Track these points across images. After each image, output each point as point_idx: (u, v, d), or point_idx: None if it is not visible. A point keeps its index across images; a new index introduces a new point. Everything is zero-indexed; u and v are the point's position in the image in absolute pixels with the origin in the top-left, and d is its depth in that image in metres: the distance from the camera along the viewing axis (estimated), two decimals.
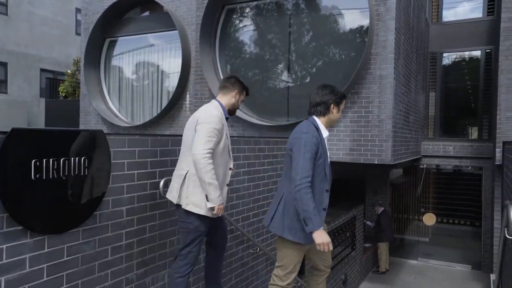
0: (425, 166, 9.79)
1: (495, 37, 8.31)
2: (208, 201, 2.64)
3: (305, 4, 6.88)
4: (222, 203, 2.72)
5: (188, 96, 8.03)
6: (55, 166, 2.21)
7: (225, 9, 7.42)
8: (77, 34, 16.41)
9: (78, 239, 2.40)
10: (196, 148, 2.60)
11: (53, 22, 16.16)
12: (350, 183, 9.90)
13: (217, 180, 2.65)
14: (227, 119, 2.88)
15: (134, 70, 8.97)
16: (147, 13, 8.91)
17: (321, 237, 2.55)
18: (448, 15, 9.79)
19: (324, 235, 2.57)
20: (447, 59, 9.86)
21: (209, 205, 2.65)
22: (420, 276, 8.91)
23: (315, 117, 2.83)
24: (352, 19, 6.59)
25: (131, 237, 2.76)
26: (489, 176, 8.82)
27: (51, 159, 2.19)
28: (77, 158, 2.33)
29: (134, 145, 2.76)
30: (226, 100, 2.90)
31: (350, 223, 7.84)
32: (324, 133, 2.79)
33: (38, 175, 2.13)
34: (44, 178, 2.16)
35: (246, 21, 7.47)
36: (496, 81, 7.13)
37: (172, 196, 2.77)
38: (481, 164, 9.01)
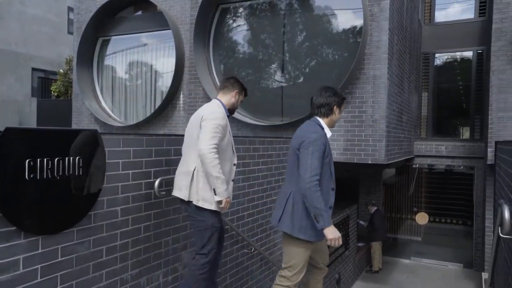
0: (418, 165, 9.86)
1: (486, 38, 8.40)
2: (215, 194, 2.70)
3: (299, 4, 6.89)
4: (229, 197, 2.80)
5: (181, 95, 8.01)
6: (50, 166, 2.19)
7: (219, 8, 7.40)
8: (69, 33, 16.28)
9: (73, 240, 2.38)
10: (203, 143, 2.66)
11: (44, 21, 16.01)
12: (343, 183, 9.92)
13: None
14: (228, 118, 2.94)
15: (128, 69, 8.92)
16: (140, 12, 8.87)
17: (332, 232, 2.66)
18: (441, 16, 9.87)
19: (335, 231, 2.68)
20: (439, 59, 9.95)
21: (216, 198, 2.71)
22: (412, 275, 8.97)
23: (318, 118, 2.92)
24: (345, 19, 6.61)
25: (126, 237, 2.74)
26: (480, 175, 8.90)
27: (45, 159, 2.16)
28: (71, 158, 2.30)
29: (129, 144, 2.74)
30: (226, 99, 2.98)
31: (343, 222, 7.87)
32: (328, 133, 2.89)
33: (32, 175, 2.10)
34: (38, 178, 2.13)
35: (240, 21, 7.47)
36: (488, 82, 7.20)
37: (181, 193, 2.80)
38: (472, 163, 9.10)
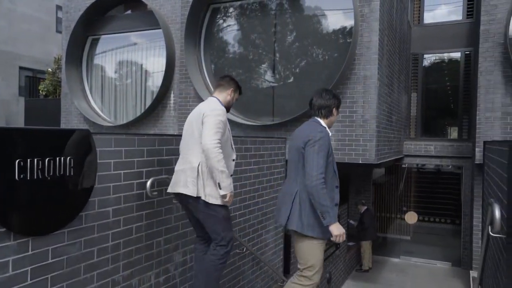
0: (407, 165, 9.96)
1: (474, 39, 8.51)
2: (220, 189, 2.74)
3: (289, 4, 6.91)
4: (232, 191, 2.84)
5: (172, 95, 7.97)
6: (40, 166, 2.16)
7: (210, 8, 7.39)
8: (58, 31, 16.08)
9: (64, 241, 2.35)
10: (207, 138, 2.70)
11: (33, 19, 15.80)
12: None
13: None
14: None
15: (117, 68, 8.85)
16: (130, 11, 8.81)
17: (338, 229, 2.76)
18: (429, 17, 9.98)
19: (340, 227, 2.79)
20: (428, 60, 10.06)
21: (221, 192, 2.74)
22: (402, 274, 9.06)
23: (318, 119, 3.04)
24: (336, 20, 6.65)
25: (118, 238, 2.72)
26: (468, 175, 9.02)
27: (35, 159, 2.13)
28: (62, 158, 2.28)
29: (121, 144, 2.72)
30: (222, 97, 3.04)
31: None
32: (329, 133, 3.00)
33: (22, 175, 2.07)
34: (28, 178, 2.10)
35: (231, 21, 7.46)
36: (475, 82, 7.30)
37: (188, 190, 2.79)
38: (460, 163, 9.22)
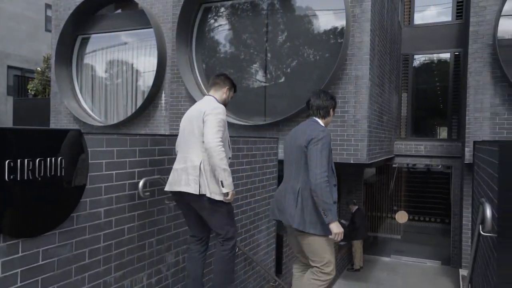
0: (397, 165, 10.04)
1: (463, 40, 8.61)
2: (223, 186, 2.77)
3: (281, 4, 6.92)
4: (234, 189, 2.88)
5: (163, 95, 7.93)
6: (30, 167, 2.13)
7: (202, 7, 7.36)
8: (47, 30, 15.91)
9: (54, 242, 2.33)
10: (209, 137, 2.73)
11: (21, 17, 15.60)
12: None
13: None
14: None
15: (108, 68, 8.78)
16: (120, 10, 8.74)
17: (338, 227, 2.84)
18: (420, 18, 10.07)
19: (340, 226, 2.86)
20: (418, 61, 10.15)
21: (224, 190, 2.78)
22: (393, 273, 9.13)
23: (316, 119, 3.12)
24: (327, 20, 6.67)
25: (109, 239, 2.69)
26: (458, 174, 9.13)
27: (26, 159, 2.10)
28: (53, 158, 2.25)
29: (113, 144, 2.69)
30: (218, 96, 3.06)
31: None
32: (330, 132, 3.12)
33: (12, 176, 2.04)
34: (18, 179, 2.07)
35: (223, 20, 7.44)
36: (465, 83, 7.38)
37: (190, 188, 2.80)
38: (450, 163, 9.32)
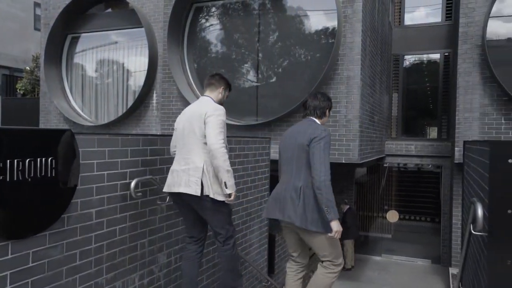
0: (388, 164, 10.11)
1: (453, 41, 8.70)
2: (226, 188, 2.80)
3: (272, 4, 6.92)
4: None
5: (155, 95, 7.89)
6: (20, 167, 2.09)
7: (193, 7, 7.33)
8: (36, 29, 15.72)
9: (45, 244, 2.30)
10: (213, 138, 2.76)
11: (9, 16, 15.38)
12: None
13: None
14: None
15: (98, 67, 8.70)
16: (110, 9, 8.67)
17: (338, 225, 2.89)
18: (410, 19, 10.15)
19: (340, 224, 2.92)
20: (408, 61, 10.23)
21: (227, 191, 2.80)
22: (384, 272, 9.19)
23: (313, 118, 3.18)
24: (319, 21, 6.69)
25: (101, 240, 2.67)
26: (447, 174, 9.22)
27: (15, 160, 2.07)
28: (43, 158, 2.22)
29: (104, 145, 2.67)
30: (214, 96, 3.07)
31: None
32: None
33: (1, 177, 2.00)
34: (8, 180, 2.03)
35: (215, 20, 7.42)
36: (455, 83, 7.45)
37: (190, 189, 2.81)
38: (440, 162, 9.41)
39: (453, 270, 7.39)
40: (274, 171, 4.85)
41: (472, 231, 2.38)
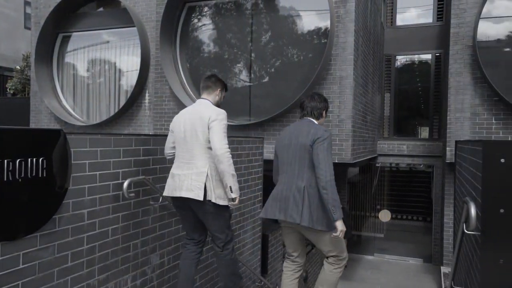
0: (380, 164, 10.16)
1: (444, 41, 8.77)
2: (232, 192, 2.84)
3: (265, 4, 6.91)
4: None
5: (147, 94, 7.84)
6: (10, 168, 2.06)
7: (186, 6, 7.30)
8: (26, 28, 15.55)
9: (35, 245, 2.26)
10: (219, 144, 2.79)
11: (0, 15, 15.21)
12: None
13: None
14: None
15: (90, 67, 8.63)
16: (102, 8, 8.60)
17: (343, 225, 2.92)
18: (402, 19, 10.21)
19: (343, 224, 2.94)
20: (400, 61, 10.29)
21: (233, 195, 2.85)
22: (376, 271, 9.23)
23: (312, 119, 3.22)
24: (312, 21, 6.70)
25: (93, 241, 2.64)
26: (439, 173, 9.28)
27: (5, 160, 2.04)
28: (34, 159, 2.19)
29: (96, 145, 2.64)
30: (212, 98, 3.09)
31: None
32: None
33: None
34: None
35: (207, 20, 7.40)
36: (446, 84, 7.51)
37: (192, 194, 2.83)
38: (431, 162, 9.47)
39: (445, 269, 7.45)
40: (267, 171, 4.85)
41: (465, 230, 2.39)
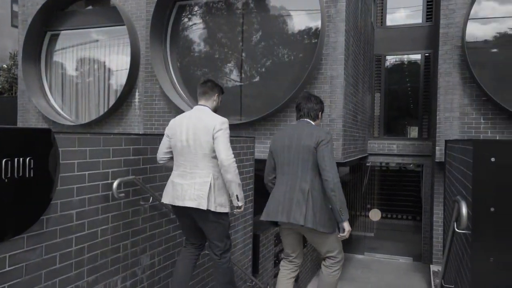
0: (371, 164, 10.22)
1: (433, 42, 8.84)
2: (238, 200, 2.91)
3: (256, 4, 6.90)
4: None
5: (137, 93, 7.77)
6: None
7: (176, 5, 7.25)
8: (13, 26, 15.31)
9: (22, 247, 2.22)
10: (225, 154, 2.82)
11: None
12: None
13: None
14: None
15: (79, 66, 8.52)
16: (91, 6, 8.50)
17: (349, 225, 2.99)
18: (392, 19, 10.27)
19: (349, 224, 3.01)
20: (390, 61, 10.36)
21: (239, 203, 2.92)
22: (366, 270, 9.28)
23: (309, 120, 3.24)
24: (303, 20, 6.70)
25: (82, 242, 2.60)
26: (428, 172, 9.36)
27: None
28: (21, 158, 2.14)
29: (85, 144, 2.60)
30: (210, 104, 3.08)
31: None
32: None
33: None
34: None
35: (198, 19, 7.35)
36: (435, 84, 7.57)
37: (194, 203, 2.85)
38: (421, 161, 9.55)
39: (434, 267, 7.51)
40: (258, 171, 4.83)
41: (456, 229, 2.40)
